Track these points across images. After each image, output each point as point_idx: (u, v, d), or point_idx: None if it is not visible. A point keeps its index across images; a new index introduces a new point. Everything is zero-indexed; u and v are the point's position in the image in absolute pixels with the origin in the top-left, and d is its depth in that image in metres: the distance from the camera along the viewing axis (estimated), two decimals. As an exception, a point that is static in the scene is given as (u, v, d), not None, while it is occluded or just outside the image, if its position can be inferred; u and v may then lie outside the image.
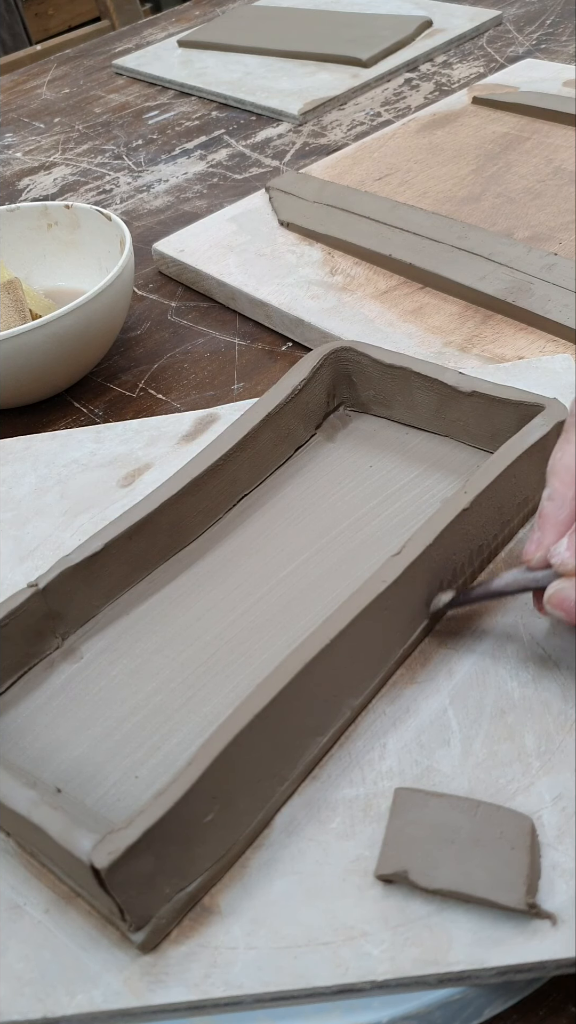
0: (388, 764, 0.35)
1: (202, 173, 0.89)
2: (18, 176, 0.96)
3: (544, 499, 0.35)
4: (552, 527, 0.34)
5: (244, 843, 0.34)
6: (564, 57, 0.96)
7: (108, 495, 0.50)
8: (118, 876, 0.29)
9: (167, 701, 0.39)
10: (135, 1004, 0.31)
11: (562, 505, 0.34)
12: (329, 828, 0.34)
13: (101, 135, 1.01)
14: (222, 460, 0.44)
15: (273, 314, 0.64)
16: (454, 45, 1.03)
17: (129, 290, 0.61)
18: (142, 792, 0.35)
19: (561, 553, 0.33)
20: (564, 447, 0.35)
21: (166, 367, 0.65)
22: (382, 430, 0.49)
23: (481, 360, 0.55)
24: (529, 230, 0.66)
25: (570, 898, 0.31)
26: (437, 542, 0.37)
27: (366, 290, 0.63)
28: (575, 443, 0.34)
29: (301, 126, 0.94)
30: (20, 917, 0.33)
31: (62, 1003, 0.31)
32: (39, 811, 0.31)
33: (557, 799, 0.33)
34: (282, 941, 0.31)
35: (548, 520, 0.34)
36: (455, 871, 0.31)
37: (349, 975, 0.30)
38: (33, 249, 0.70)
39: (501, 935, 0.30)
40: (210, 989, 0.30)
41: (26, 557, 0.47)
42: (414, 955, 0.30)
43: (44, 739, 0.38)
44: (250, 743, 0.32)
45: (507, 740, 0.35)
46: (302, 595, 0.42)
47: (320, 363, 0.47)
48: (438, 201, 0.72)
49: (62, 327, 0.56)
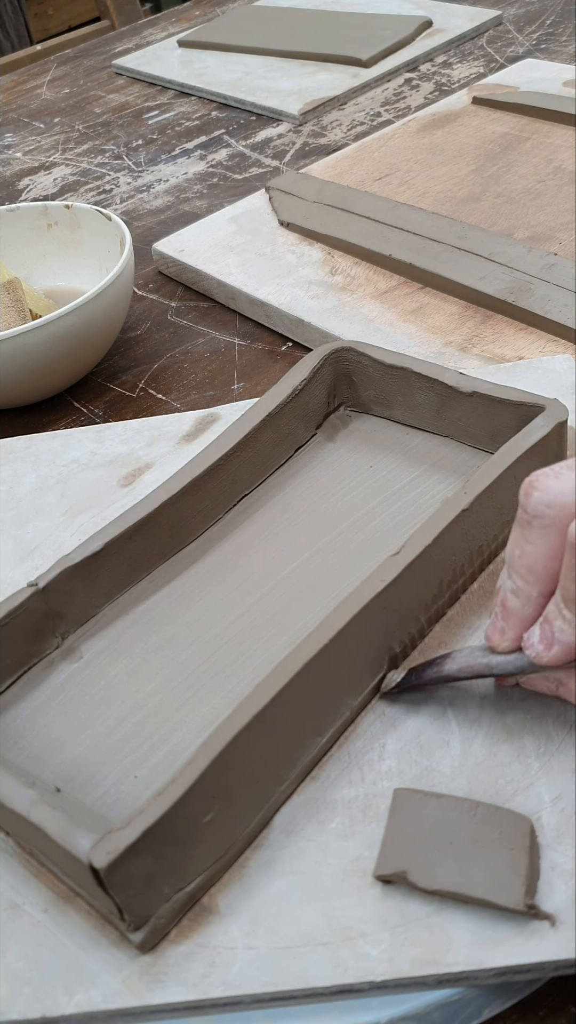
0: (387, 764, 0.35)
1: (202, 173, 0.89)
2: (18, 176, 0.96)
3: (508, 592, 0.33)
4: (517, 622, 0.33)
5: (243, 843, 0.34)
6: (564, 57, 0.96)
7: (108, 495, 0.50)
8: (117, 876, 0.29)
9: (167, 701, 0.39)
10: (134, 1004, 0.31)
11: (527, 603, 0.33)
12: (328, 828, 0.34)
13: (101, 135, 1.01)
14: (222, 460, 0.44)
15: (273, 314, 0.64)
16: (454, 45, 1.03)
17: (129, 290, 0.61)
18: (141, 792, 0.35)
19: (535, 645, 0.33)
20: (521, 544, 0.33)
21: (166, 367, 0.65)
22: (382, 430, 0.49)
23: (481, 360, 0.55)
24: (529, 230, 0.66)
25: (569, 899, 0.31)
26: (437, 542, 0.37)
27: (366, 290, 0.63)
28: (535, 543, 0.32)
29: (301, 126, 0.94)
30: (19, 916, 0.33)
31: (61, 1003, 0.31)
32: (38, 810, 0.31)
33: (556, 800, 0.33)
34: (281, 941, 0.31)
35: (512, 614, 0.33)
36: (454, 872, 0.31)
37: (348, 975, 0.30)
38: (33, 249, 0.70)
39: (500, 936, 0.30)
40: (209, 989, 0.30)
41: (26, 557, 0.47)
42: (413, 956, 0.30)
43: (43, 738, 0.38)
44: (249, 743, 0.32)
45: (506, 741, 0.35)
46: (302, 595, 0.42)
47: (320, 363, 0.47)
48: (438, 201, 0.72)
49: (62, 327, 0.56)
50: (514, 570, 0.33)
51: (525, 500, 0.32)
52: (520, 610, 0.33)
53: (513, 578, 0.33)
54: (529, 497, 0.32)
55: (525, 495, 0.32)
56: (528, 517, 0.32)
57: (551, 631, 0.32)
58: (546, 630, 0.32)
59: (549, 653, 0.32)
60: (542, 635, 0.33)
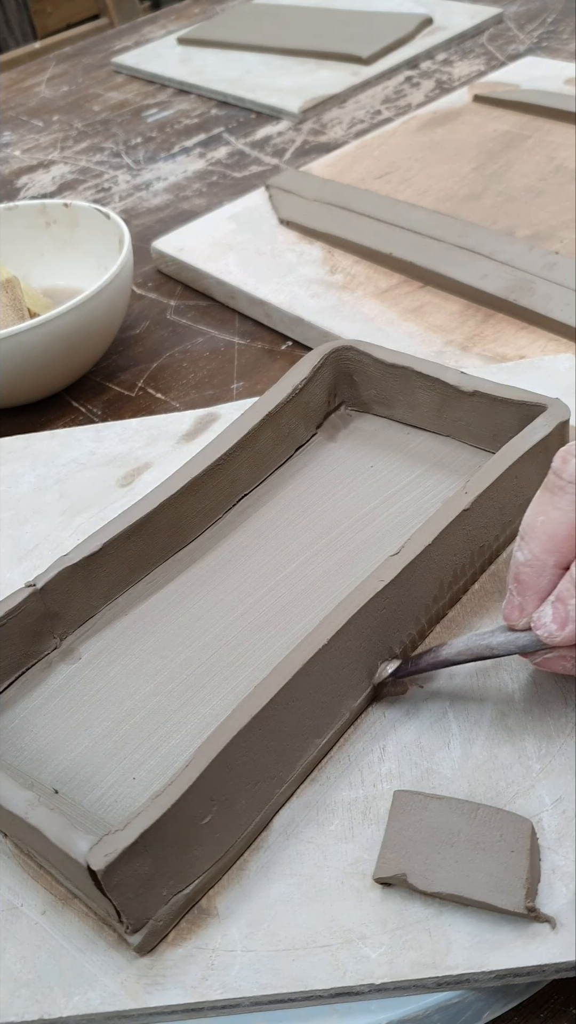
0: (387, 766, 0.35)
1: (201, 171, 0.89)
2: (16, 174, 0.96)
3: (520, 563, 0.33)
4: (534, 594, 0.32)
5: (242, 845, 0.33)
6: (565, 55, 0.96)
7: (107, 494, 0.49)
8: (115, 878, 0.29)
9: (165, 702, 0.38)
10: (132, 1006, 0.30)
11: (541, 572, 0.32)
12: (328, 830, 0.34)
13: (100, 133, 1.01)
14: (222, 459, 0.44)
15: (273, 313, 0.64)
16: (455, 43, 1.03)
17: (128, 289, 0.61)
18: (140, 794, 0.35)
19: (547, 624, 0.32)
20: (547, 510, 0.32)
21: (165, 366, 0.64)
22: (383, 430, 0.49)
23: (482, 359, 0.55)
24: (530, 228, 0.66)
25: (570, 902, 0.30)
26: (437, 542, 0.37)
27: (366, 289, 0.63)
28: (562, 509, 0.32)
29: (301, 124, 0.94)
30: (17, 918, 0.33)
31: (59, 1005, 0.31)
32: (36, 812, 0.31)
33: (557, 802, 0.33)
34: (280, 944, 0.31)
35: (528, 587, 0.32)
36: (454, 874, 0.31)
37: (347, 978, 0.30)
38: (31, 247, 0.70)
39: (500, 939, 0.30)
40: (207, 992, 0.30)
41: (24, 557, 0.47)
42: (412, 958, 0.30)
43: (42, 740, 0.38)
44: (248, 745, 0.32)
45: (507, 743, 0.35)
46: (302, 595, 0.41)
47: (321, 362, 0.47)
48: (439, 199, 0.71)
49: (60, 326, 0.56)
50: (533, 537, 0.32)
51: (562, 467, 0.32)
52: (535, 581, 0.32)
53: (530, 546, 0.32)
54: (567, 464, 0.32)
55: (563, 461, 0.32)
56: (563, 483, 0.32)
57: (565, 611, 0.31)
58: (559, 609, 0.31)
59: (563, 632, 0.31)
60: (555, 614, 0.32)
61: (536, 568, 0.32)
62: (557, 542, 0.32)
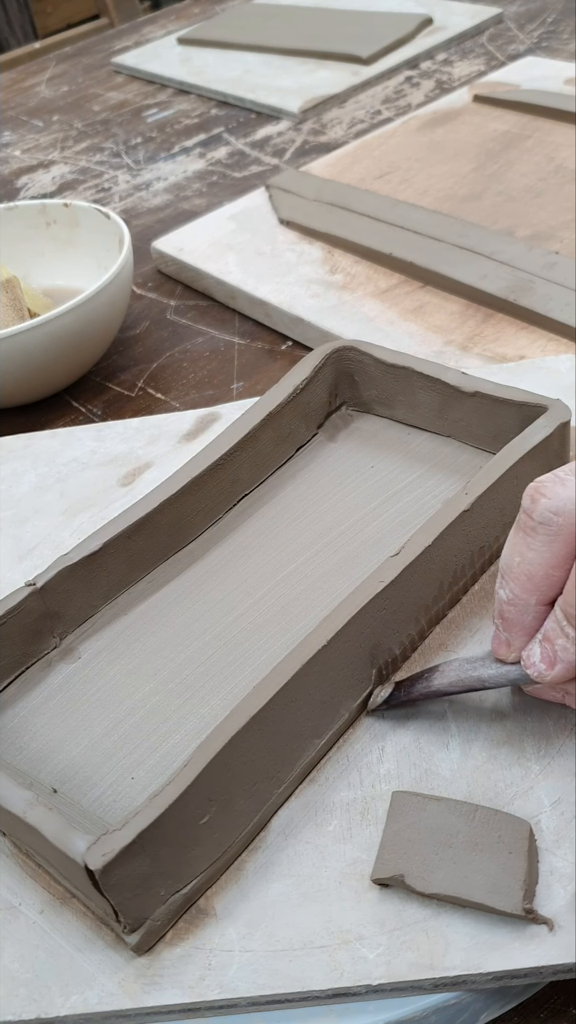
0: (386, 767, 0.35)
1: (201, 171, 0.89)
2: (16, 174, 0.96)
3: (503, 602, 0.33)
4: (519, 630, 0.32)
5: (240, 845, 0.33)
6: (565, 55, 0.96)
7: (108, 494, 0.49)
8: (112, 878, 0.29)
9: (165, 702, 0.38)
10: (129, 1006, 0.30)
11: (524, 610, 0.32)
12: (326, 831, 0.34)
13: (100, 133, 1.01)
14: (223, 459, 0.44)
15: (273, 313, 0.64)
16: (455, 43, 1.03)
17: (128, 289, 0.61)
18: (138, 793, 0.35)
19: (536, 664, 0.32)
20: (522, 551, 0.31)
21: (165, 366, 0.64)
22: (384, 430, 0.49)
23: (482, 359, 0.55)
24: (530, 228, 0.66)
25: (568, 903, 0.30)
26: (437, 543, 0.37)
27: (366, 289, 0.63)
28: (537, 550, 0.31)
29: (301, 124, 0.94)
30: (15, 918, 0.33)
31: (56, 1004, 0.31)
32: (34, 812, 0.31)
33: (556, 804, 0.33)
34: (277, 944, 0.31)
35: (513, 624, 0.32)
36: (452, 875, 0.31)
37: (344, 979, 0.30)
38: (31, 247, 0.70)
39: (498, 940, 0.30)
40: (205, 992, 0.30)
41: (25, 556, 0.47)
42: (410, 959, 0.30)
43: (41, 739, 0.38)
44: (247, 745, 0.32)
45: (506, 744, 0.35)
46: (302, 596, 0.41)
47: (322, 362, 0.47)
48: (439, 199, 0.71)
49: (60, 326, 0.56)
50: (511, 578, 0.32)
51: (531, 506, 0.31)
52: (520, 619, 0.32)
53: (510, 586, 0.32)
54: (536, 503, 0.31)
55: (531, 500, 0.31)
56: (533, 523, 0.31)
57: (553, 650, 0.31)
58: (547, 649, 0.32)
59: (552, 672, 0.32)
60: (543, 654, 0.32)
61: (519, 607, 0.32)
62: (536, 582, 0.32)
